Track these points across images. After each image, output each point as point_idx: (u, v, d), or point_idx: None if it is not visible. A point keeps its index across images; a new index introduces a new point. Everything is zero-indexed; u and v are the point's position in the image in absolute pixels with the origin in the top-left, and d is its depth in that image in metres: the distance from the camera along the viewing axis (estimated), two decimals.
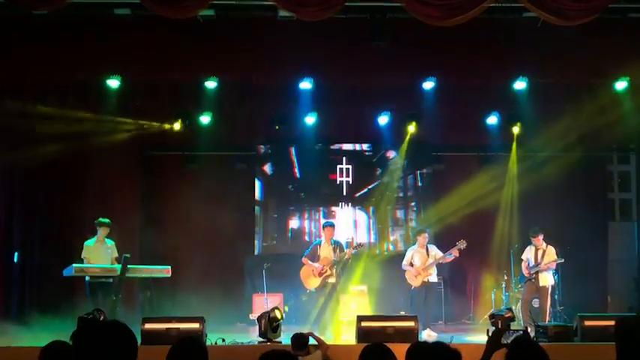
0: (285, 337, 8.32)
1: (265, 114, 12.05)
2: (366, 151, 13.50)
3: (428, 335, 9.82)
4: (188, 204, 11.94)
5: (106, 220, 10.20)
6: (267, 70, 10.41)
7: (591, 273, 12.24)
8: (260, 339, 8.75)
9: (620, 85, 10.88)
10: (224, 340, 8.46)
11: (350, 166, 13.16)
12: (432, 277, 10.55)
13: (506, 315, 8.56)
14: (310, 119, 12.07)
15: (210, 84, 10.88)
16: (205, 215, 11.81)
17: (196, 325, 8.23)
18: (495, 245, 12.48)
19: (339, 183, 13.14)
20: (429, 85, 11.03)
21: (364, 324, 8.61)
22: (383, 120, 12.26)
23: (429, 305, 10.49)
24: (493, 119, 12.25)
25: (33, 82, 10.76)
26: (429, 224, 12.40)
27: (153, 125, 12.09)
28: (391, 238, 13.41)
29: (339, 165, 13.15)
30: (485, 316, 11.04)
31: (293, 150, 13.14)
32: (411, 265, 10.53)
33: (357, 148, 13.46)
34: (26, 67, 10.15)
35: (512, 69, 10.64)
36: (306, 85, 10.98)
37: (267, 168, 13.22)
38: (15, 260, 11.48)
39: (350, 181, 13.15)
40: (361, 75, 10.09)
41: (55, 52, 9.92)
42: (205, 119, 11.89)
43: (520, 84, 10.93)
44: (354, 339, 8.78)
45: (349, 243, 11.04)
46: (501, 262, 12.24)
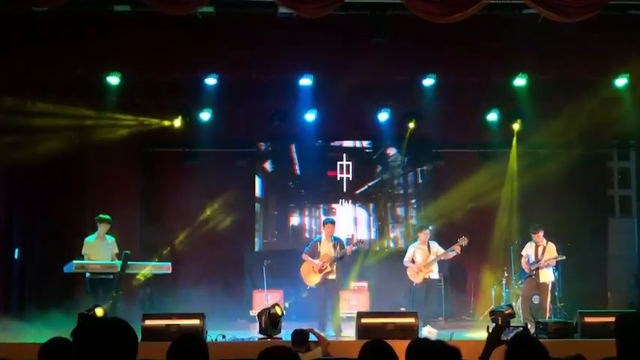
0: (286, 334, 8.32)
1: (265, 111, 12.05)
2: (367, 148, 13.48)
3: (428, 332, 9.82)
4: (188, 201, 11.97)
5: (107, 217, 10.20)
6: (267, 67, 10.41)
7: (591, 269, 12.27)
8: (260, 335, 8.76)
9: (620, 82, 10.88)
10: (224, 337, 8.44)
11: (350, 163, 13.15)
12: (434, 274, 10.55)
13: (507, 311, 8.53)
14: (310, 116, 12.06)
15: (210, 81, 10.88)
16: (205, 212, 11.80)
17: (196, 322, 8.22)
18: (495, 242, 12.50)
19: (339, 180, 13.13)
20: (429, 82, 11.02)
21: (364, 320, 8.61)
22: (383, 117, 12.25)
23: (429, 302, 10.49)
24: (493, 116, 12.24)
25: (33, 79, 10.76)
26: (429, 221, 12.39)
27: (153, 122, 12.06)
28: (391, 235, 13.41)
29: (339, 162, 13.13)
30: (486, 313, 11.01)
31: (293, 147, 13.13)
32: (413, 262, 10.53)
33: (358, 145, 13.43)
34: (26, 64, 10.14)
35: (513, 66, 10.63)
36: (306, 82, 10.98)
37: (268, 165, 13.20)
38: (15, 257, 11.47)
39: (350, 178, 13.15)
40: (361, 72, 10.05)
41: (55, 49, 9.90)
42: (205, 116, 11.88)
43: (520, 81, 10.92)
44: (354, 335, 8.78)
45: (349, 240, 11.05)
46: (501, 259, 12.26)
